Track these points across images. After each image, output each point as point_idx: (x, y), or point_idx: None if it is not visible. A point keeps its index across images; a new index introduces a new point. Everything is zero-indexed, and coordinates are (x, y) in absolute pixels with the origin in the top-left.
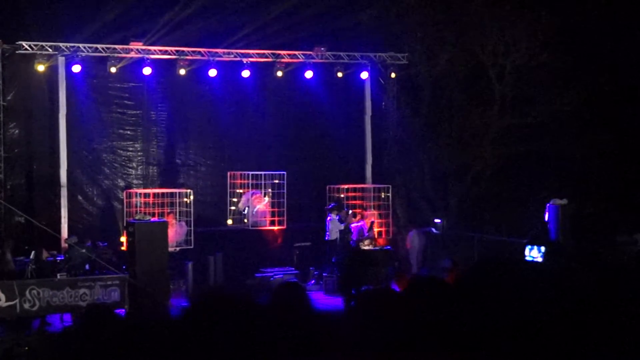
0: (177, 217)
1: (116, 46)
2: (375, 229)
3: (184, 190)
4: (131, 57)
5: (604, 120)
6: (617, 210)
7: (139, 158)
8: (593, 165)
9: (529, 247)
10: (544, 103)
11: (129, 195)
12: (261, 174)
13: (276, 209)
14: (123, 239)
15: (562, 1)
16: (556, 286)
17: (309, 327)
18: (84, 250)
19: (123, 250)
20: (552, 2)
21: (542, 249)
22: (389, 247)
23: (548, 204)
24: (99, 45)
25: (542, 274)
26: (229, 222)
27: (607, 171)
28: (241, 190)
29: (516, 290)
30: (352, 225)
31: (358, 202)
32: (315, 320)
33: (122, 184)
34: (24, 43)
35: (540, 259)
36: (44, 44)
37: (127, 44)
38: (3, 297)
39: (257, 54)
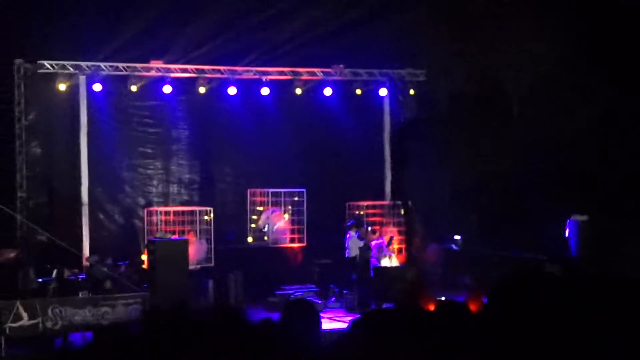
0: (198, 234)
1: (137, 65)
2: (395, 245)
3: (204, 208)
4: (151, 76)
5: (624, 134)
6: None
7: (160, 176)
8: (615, 180)
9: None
10: (563, 118)
11: (150, 214)
12: (281, 191)
13: (296, 226)
14: (144, 257)
15: (581, 16)
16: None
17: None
18: (105, 269)
19: (144, 268)
20: (571, 17)
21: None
22: None
23: (568, 220)
24: (119, 64)
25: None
26: (249, 239)
27: (630, 186)
28: (261, 208)
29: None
30: (372, 242)
31: (377, 219)
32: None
33: (142, 202)
34: (45, 62)
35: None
36: (65, 63)
37: (148, 62)
38: (25, 315)
39: (276, 71)
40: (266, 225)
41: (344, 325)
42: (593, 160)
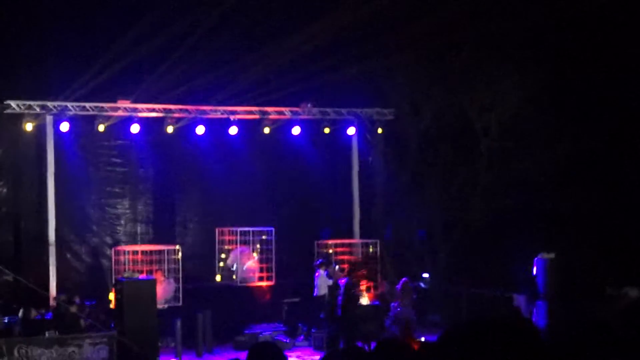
0: (166, 274)
1: (104, 104)
2: (363, 285)
3: (172, 247)
4: (119, 116)
5: (591, 173)
6: (607, 263)
7: (127, 215)
8: (581, 218)
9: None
10: (531, 156)
11: (117, 253)
12: (249, 230)
13: (265, 265)
14: (111, 296)
15: (548, 56)
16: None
17: None
18: (72, 309)
19: (111, 308)
20: (539, 57)
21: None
22: (376, 302)
23: (536, 258)
24: (86, 104)
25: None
26: (218, 278)
27: (596, 224)
28: (229, 247)
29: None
30: (340, 281)
31: (346, 257)
32: None
33: (110, 241)
34: (12, 102)
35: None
36: (32, 103)
37: (115, 102)
38: None
39: (245, 110)
40: (234, 264)
41: None
42: (560, 199)
